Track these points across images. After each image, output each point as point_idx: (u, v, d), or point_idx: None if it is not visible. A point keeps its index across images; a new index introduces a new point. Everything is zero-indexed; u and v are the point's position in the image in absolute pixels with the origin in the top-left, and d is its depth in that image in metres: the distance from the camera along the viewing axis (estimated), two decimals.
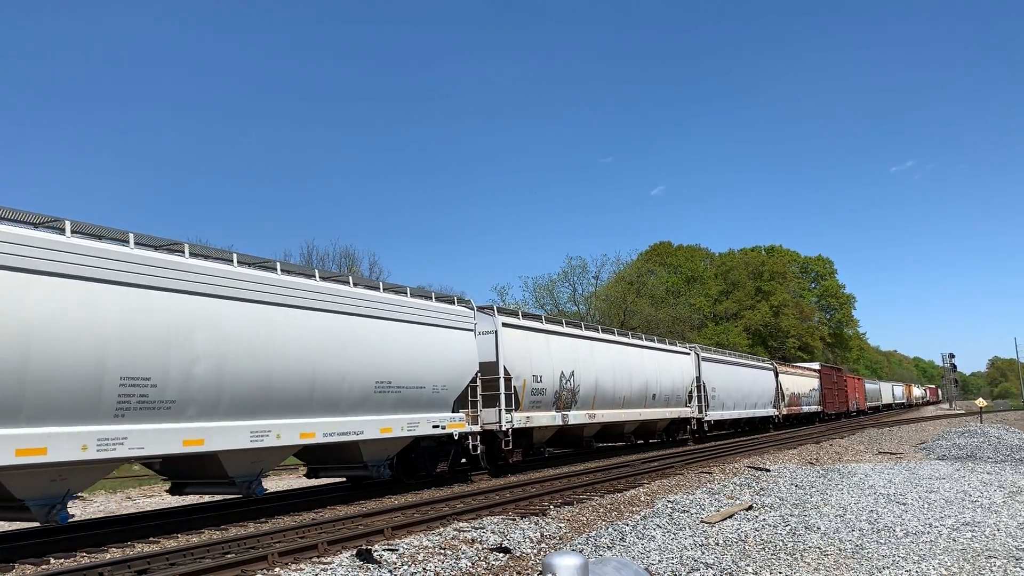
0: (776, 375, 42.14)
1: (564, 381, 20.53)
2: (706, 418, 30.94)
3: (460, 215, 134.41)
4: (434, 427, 15.57)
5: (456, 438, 16.56)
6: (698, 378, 30.61)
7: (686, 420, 29.92)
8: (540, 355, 19.67)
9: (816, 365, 55.15)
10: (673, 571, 7.65)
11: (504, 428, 17.87)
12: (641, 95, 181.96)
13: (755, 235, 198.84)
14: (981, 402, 47.22)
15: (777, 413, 41.50)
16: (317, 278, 13.33)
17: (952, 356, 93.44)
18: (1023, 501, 12.07)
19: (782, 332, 74.69)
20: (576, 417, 21.13)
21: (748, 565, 7.82)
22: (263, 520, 12.03)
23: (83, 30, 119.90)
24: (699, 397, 30.57)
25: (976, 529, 9.62)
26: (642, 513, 11.46)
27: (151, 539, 10.41)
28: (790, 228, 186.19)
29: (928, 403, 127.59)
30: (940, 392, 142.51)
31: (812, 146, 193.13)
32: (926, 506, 11.58)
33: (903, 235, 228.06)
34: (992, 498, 12.38)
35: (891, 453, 23.76)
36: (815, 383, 51.02)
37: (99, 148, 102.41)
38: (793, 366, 49.55)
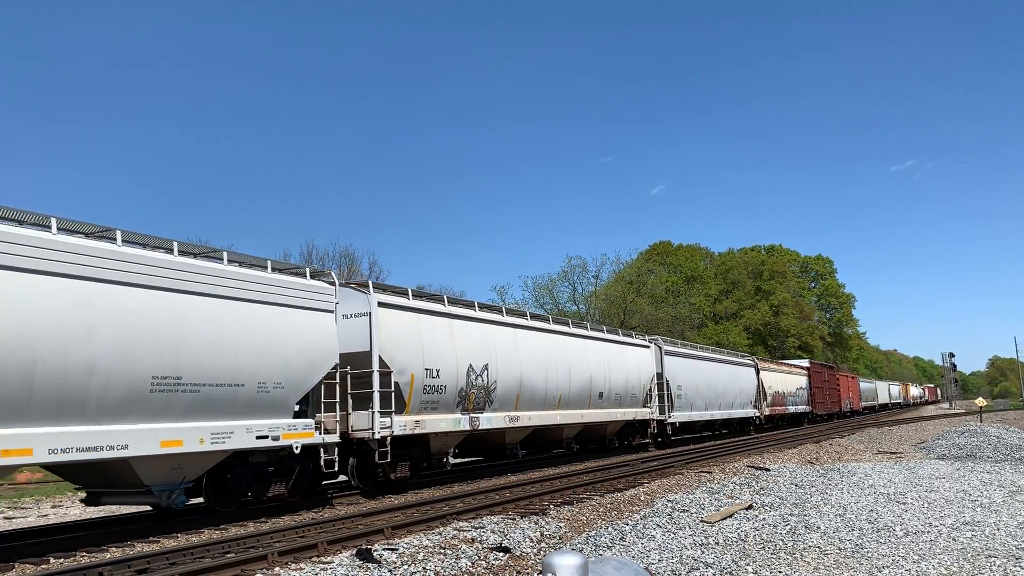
0: (757, 372, 38.72)
1: (474, 376, 16.85)
2: (669, 420, 27.37)
3: (460, 214, 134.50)
4: (259, 437, 11.85)
5: (298, 451, 12.67)
6: (660, 374, 27.12)
7: (646, 423, 26.56)
8: (438, 344, 15.94)
9: (805, 362, 52.15)
10: (673, 570, 7.66)
11: (378, 436, 14.13)
12: (641, 94, 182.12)
13: (755, 235, 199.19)
14: (981, 401, 47.22)
15: (759, 414, 38.21)
16: (54, 230, 9.59)
17: (952, 356, 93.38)
18: (1023, 500, 12.08)
19: (782, 332, 74.69)
20: (492, 420, 17.48)
21: (748, 564, 7.82)
22: (263, 520, 12.03)
23: (83, 30, 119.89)
24: (661, 396, 27.01)
25: (976, 528, 9.62)
26: (642, 512, 11.46)
27: (151, 539, 10.41)
28: (790, 228, 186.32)
29: (926, 403, 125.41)
30: (939, 392, 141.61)
31: (812, 145, 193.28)
32: (926, 505, 11.59)
33: (903, 234, 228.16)
34: (992, 497, 12.39)
35: (891, 452, 23.76)
36: (803, 381, 47.73)
37: (98, 147, 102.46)
38: (778, 363, 46.45)
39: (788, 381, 44.26)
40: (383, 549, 8.66)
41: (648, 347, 27.17)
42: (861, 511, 11.10)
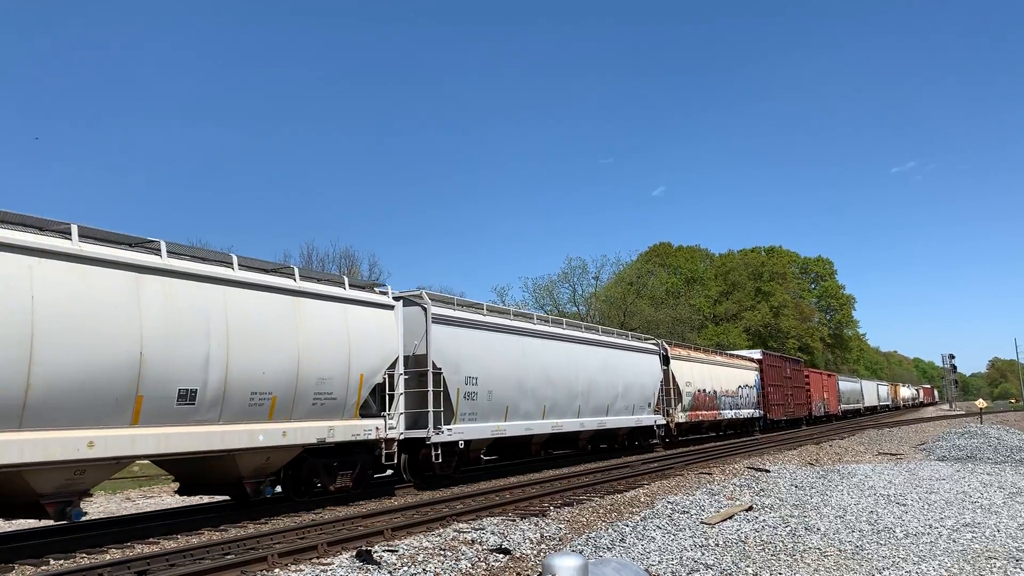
0: (666, 362, 28.25)
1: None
2: (437, 439, 15.56)
3: (460, 216, 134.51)
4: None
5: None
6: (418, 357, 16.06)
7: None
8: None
9: (756, 353, 41.19)
10: (673, 572, 7.65)
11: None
12: (642, 96, 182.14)
13: (756, 236, 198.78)
14: (981, 403, 47.19)
15: (668, 421, 27.78)
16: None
17: (952, 357, 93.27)
18: (1023, 502, 12.07)
19: (782, 333, 74.64)
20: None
21: (748, 566, 7.82)
22: (263, 521, 12.03)
23: (83, 29, 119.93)
24: (435, 397, 15.64)
25: (976, 530, 9.62)
26: (642, 514, 11.45)
27: (151, 540, 10.40)
28: (791, 229, 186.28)
29: (921, 404, 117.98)
30: (936, 392, 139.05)
31: (813, 146, 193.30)
32: (926, 507, 11.58)
33: (903, 236, 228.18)
34: (992, 499, 12.38)
35: (891, 454, 23.75)
36: (751, 378, 37.91)
37: (97, 147, 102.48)
38: (707, 351, 35.15)
39: (725, 377, 33.93)
40: (383, 550, 8.66)
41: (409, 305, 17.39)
42: (861, 512, 11.09)
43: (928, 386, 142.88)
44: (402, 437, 14.97)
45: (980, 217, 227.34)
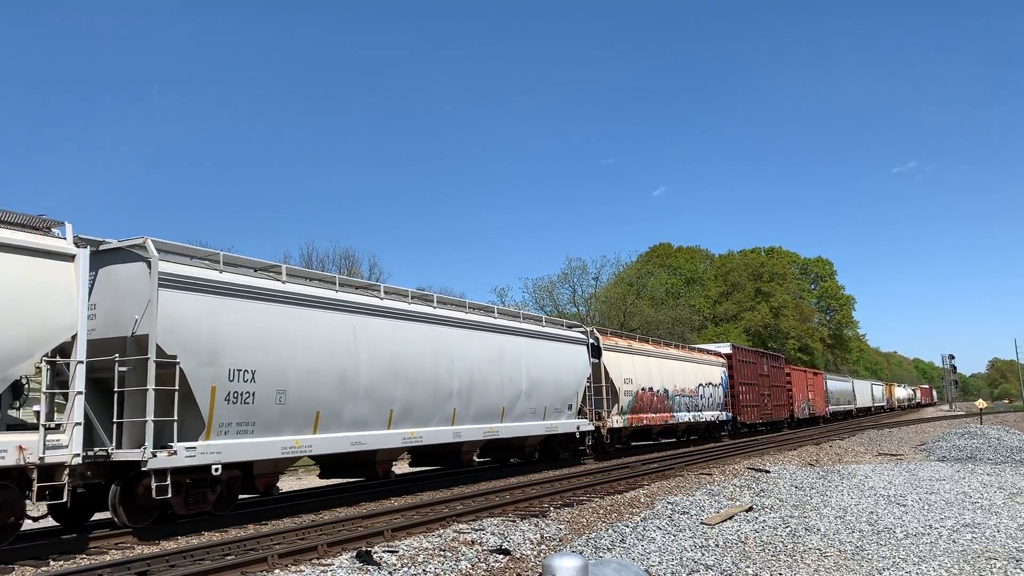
0: (596, 353, 23.06)
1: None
2: (163, 463, 10.56)
3: (461, 216, 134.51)
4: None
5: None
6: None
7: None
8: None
9: (725, 347, 36.80)
10: (673, 572, 7.65)
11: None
12: (643, 97, 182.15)
13: (756, 236, 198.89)
14: (981, 403, 47.17)
15: (601, 425, 22.68)
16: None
17: (952, 357, 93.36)
18: (1023, 502, 12.08)
19: (782, 333, 74.63)
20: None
21: (748, 566, 7.82)
22: (263, 522, 12.03)
23: (84, 31, 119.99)
24: (161, 399, 10.86)
25: (976, 530, 9.62)
26: (642, 514, 11.46)
27: (151, 541, 10.40)
28: (791, 229, 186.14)
29: (917, 405, 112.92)
30: (934, 393, 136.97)
31: (814, 147, 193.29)
32: (926, 507, 11.59)
33: (904, 236, 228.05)
34: (992, 499, 12.38)
35: (891, 454, 23.76)
36: (716, 375, 32.82)
37: (99, 148, 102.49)
38: (656, 342, 29.67)
39: (681, 373, 28.90)
40: (383, 551, 8.66)
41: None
42: (861, 513, 11.09)
43: (926, 386, 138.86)
44: (76, 461, 9.60)
45: (980, 217, 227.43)
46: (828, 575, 7.55)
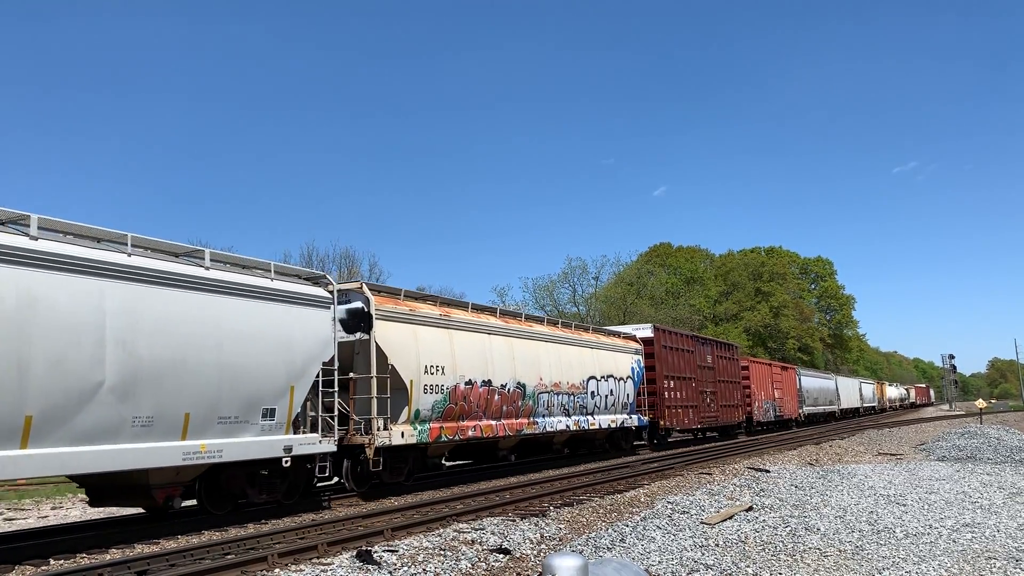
0: (358, 322, 14.83)
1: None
2: None
3: (461, 216, 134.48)
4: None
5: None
6: None
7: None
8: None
9: (645, 329, 27.70)
10: (673, 572, 7.66)
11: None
12: (644, 97, 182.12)
13: (756, 236, 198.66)
14: (981, 403, 47.14)
15: (367, 443, 14.17)
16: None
17: (952, 357, 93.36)
18: (1023, 502, 12.08)
19: (782, 333, 74.67)
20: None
21: (748, 566, 7.82)
22: (263, 521, 12.04)
23: (84, 32, 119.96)
24: None
25: (976, 530, 9.62)
26: (642, 514, 11.46)
27: (151, 540, 10.40)
28: (791, 229, 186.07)
29: (911, 405, 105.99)
30: (931, 392, 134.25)
31: (814, 147, 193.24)
32: (926, 507, 11.59)
33: (904, 236, 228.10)
34: (992, 499, 12.39)
35: (891, 454, 23.76)
36: (625, 365, 24.56)
37: (100, 148, 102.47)
38: (507, 314, 20.38)
39: (555, 361, 20.48)
40: (383, 551, 8.67)
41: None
42: (861, 513, 11.10)
43: (923, 385, 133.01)
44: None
45: (981, 217, 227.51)
46: (828, 575, 7.55)
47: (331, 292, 13.66)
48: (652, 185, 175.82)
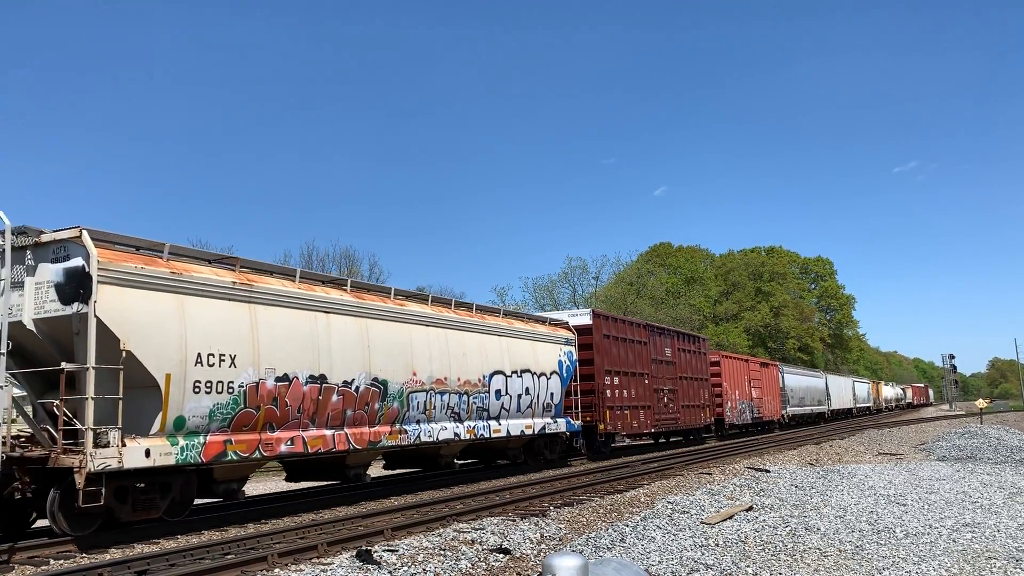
0: (77, 289, 10.00)
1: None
2: None
3: (461, 216, 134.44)
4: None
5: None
6: None
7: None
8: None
9: (581, 316, 23.59)
10: (673, 572, 7.65)
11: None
12: (645, 96, 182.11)
13: (756, 236, 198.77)
14: (981, 403, 47.12)
15: (77, 466, 9.21)
16: None
17: (952, 357, 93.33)
18: (1023, 502, 12.08)
19: (782, 333, 74.70)
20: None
21: (748, 566, 7.82)
22: (263, 521, 12.03)
23: (84, 34, 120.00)
24: None
25: (976, 530, 9.62)
26: (642, 514, 11.46)
27: (151, 540, 10.40)
28: (791, 229, 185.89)
29: (908, 406, 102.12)
30: (930, 392, 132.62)
31: (815, 147, 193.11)
32: (926, 507, 11.59)
33: (904, 236, 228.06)
34: (992, 499, 12.39)
35: (891, 454, 23.76)
36: (551, 357, 20.19)
37: (100, 149, 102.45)
38: (378, 291, 15.53)
39: (443, 350, 16.22)
40: (383, 550, 8.66)
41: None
42: (861, 512, 11.09)
43: (921, 384, 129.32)
44: None
45: (981, 217, 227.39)
46: (828, 574, 7.55)
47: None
48: (652, 185, 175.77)
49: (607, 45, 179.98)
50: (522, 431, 18.74)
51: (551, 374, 20.13)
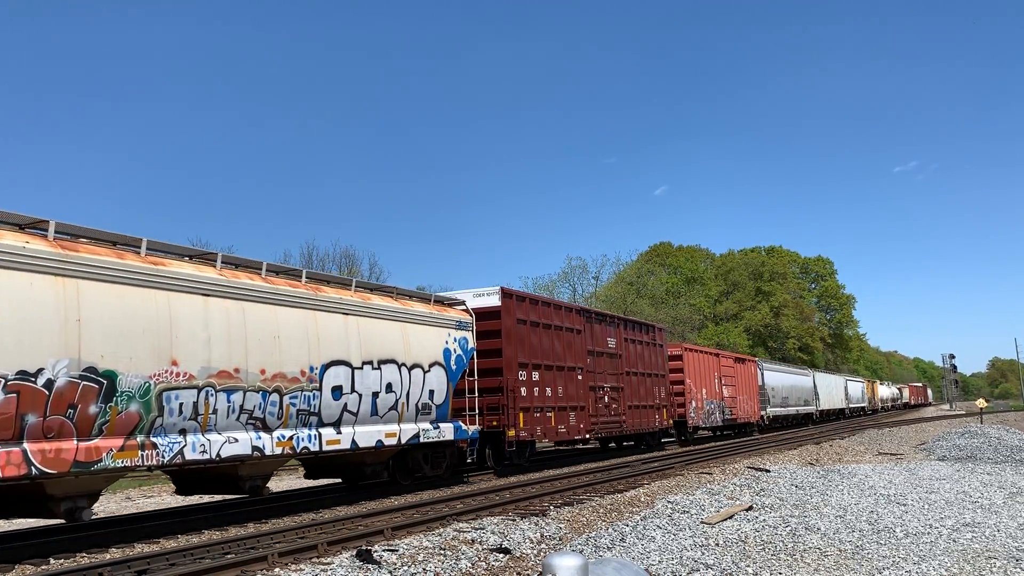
0: None
1: None
2: None
3: (461, 215, 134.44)
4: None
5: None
6: None
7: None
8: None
9: (487, 297, 19.55)
10: (673, 572, 7.65)
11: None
12: (645, 95, 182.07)
13: (756, 236, 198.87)
14: (981, 402, 47.10)
15: None
16: None
17: (952, 357, 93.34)
18: (1023, 502, 12.08)
19: (782, 333, 74.71)
20: None
21: (748, 566, 7.82)
22: (263, 521, 12.04)
23: (84, 32, 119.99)
24: None
25: (976, 530, 9.62)
26: (642, 514, 11.46)
27: (151, 539, 10.41)
28: (791, 229, 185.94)
29: (904, 405, 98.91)
30: (928, 392, 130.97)
31: (815, 147, 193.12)
32: (926, 507, 11.59)
33: (904, 235, 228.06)
34: (992, 499, 12.39)
35: (891, 454, 23.76)
36: (433, 344, 15.89)
37: (101, 148, 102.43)
38: (103, 244, 10.52)
39: (216, 323, 11.44)
40: (383, 550, 8.66)
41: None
42: (861, 512, 11.09)
43: (919, 384, 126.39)
44: None
45: (982, 217, 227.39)
46: (828, 574, 7.55)
47: None
48: (653, 184, 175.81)
49: (607, 45, 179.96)
50: (379, 441, 14.29)
51: (431, 366, 15.70)
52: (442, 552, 8.66)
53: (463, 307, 17.67)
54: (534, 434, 19.28)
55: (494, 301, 19.16)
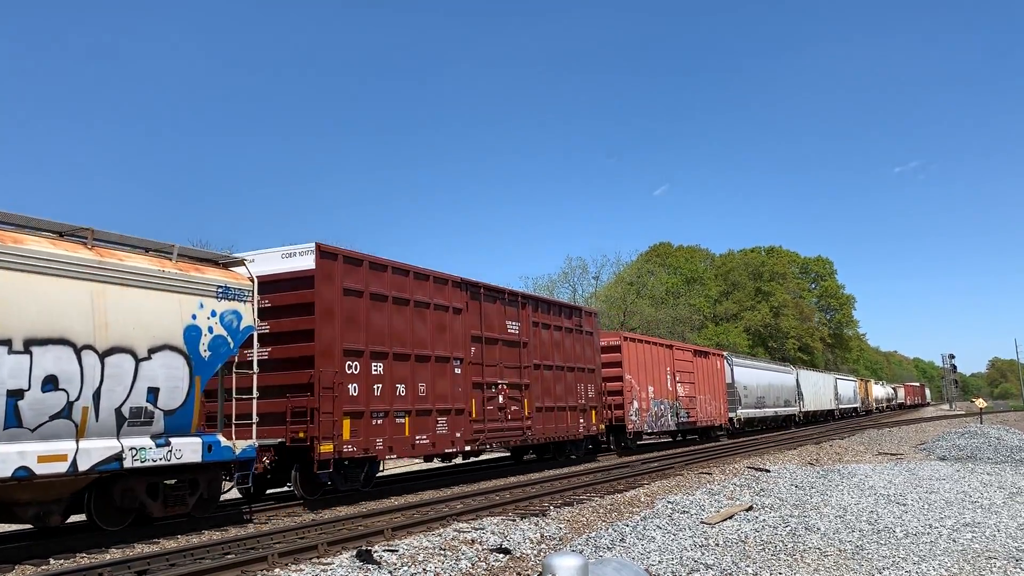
0: None
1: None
2: None
3: (462, 215, 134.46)
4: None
5: None
6: None
7: None
8: None
9: (302, 256, 13.66)
10: (673, 572, 7.65)
11: None
12: (645, 95, 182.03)
13: (756, 236, 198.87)
14: (981, 402, 47.10)
15: None
16: None
17: (952, 357, 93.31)
18: (1023, 502, 12.08)
19: (782, 333, 74.69)
20: None
21: (748, 566, 7.82)
22: (263, 521, 12.04)
23: (86, 31, 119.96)
24: None
25: (976, 530, 9.62)
26: (642, 514, 11.46)
27: (151, 540, 10.40)
28: (791, 229, 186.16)
29: (899, 406, 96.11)
30: (927, 392, 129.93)
31: (815, 147, 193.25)
32: (926, 507, 11.59)
33: (904, 236, 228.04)
34: (992, 499, 12.39)
35: (891, 454, 23.76)
36: (170, 319, 10.51)
37: (102, 148, 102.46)
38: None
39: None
40: (383, 550, 8.66)
41: None
42: (861, 512, 11.09)
43: (917, 384, 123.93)
44: None
45: (982, 217, 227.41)
46: (828, 574, 7.55)
47: None
48: (653, 184, 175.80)
49: (607, 45, 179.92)
50: (23, 469, 8.81)
51: (155, 351, 10.41)
52: (442, 552, 8.66)
53: (240, 269, 12.20)
54: (371, 448, 14.19)
55: (307, 263, 13.71)
